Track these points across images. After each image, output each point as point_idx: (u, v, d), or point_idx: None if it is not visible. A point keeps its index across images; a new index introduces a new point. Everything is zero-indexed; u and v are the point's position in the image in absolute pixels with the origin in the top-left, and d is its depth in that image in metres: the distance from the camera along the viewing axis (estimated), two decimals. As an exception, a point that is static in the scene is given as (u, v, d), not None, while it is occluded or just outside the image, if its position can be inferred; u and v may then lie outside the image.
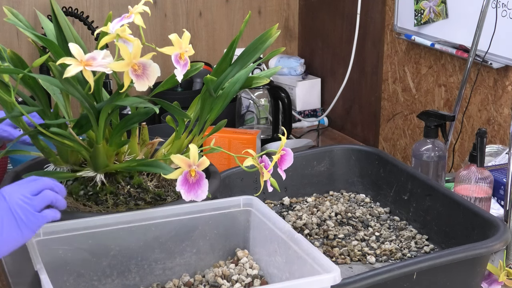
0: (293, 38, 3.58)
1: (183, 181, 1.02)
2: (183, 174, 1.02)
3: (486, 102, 2.52)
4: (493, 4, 2.33)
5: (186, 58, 1.04)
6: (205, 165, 1.03)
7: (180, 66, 1.03)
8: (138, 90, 1.02)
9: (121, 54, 1.01)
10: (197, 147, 1.03)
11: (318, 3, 3.41)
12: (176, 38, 1.03)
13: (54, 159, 1.20)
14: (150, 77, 1.02)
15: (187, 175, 1.02)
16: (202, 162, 1.03)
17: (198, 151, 1.04)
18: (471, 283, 1.23)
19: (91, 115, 1.10)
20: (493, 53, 2.38)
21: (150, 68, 1.02)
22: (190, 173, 1.02)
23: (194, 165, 1.03)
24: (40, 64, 1.07)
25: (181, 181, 1.02)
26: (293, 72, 3.42)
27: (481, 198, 1.53)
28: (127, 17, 1.07)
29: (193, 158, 1.02)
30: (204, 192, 1.03)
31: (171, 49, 1.03)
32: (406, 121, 2.98)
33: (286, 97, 3.12)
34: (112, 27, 1.06)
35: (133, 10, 1.08)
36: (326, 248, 1.38)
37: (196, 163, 1.03)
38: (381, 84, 3.10)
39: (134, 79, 1.01)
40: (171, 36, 1.03)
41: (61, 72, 1.02)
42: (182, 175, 1.02)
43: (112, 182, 1.18)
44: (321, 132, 3.37)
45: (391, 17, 2.93)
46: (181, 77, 1.04)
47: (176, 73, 1.04)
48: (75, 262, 1.10)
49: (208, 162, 1.04)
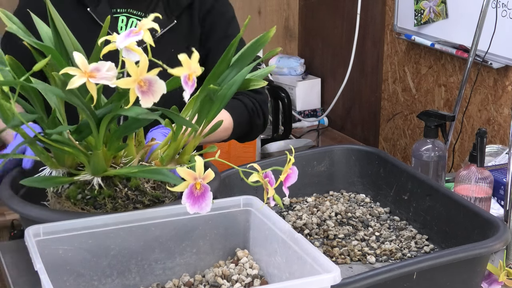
0: (293, 38, 3.58)
1: (189, 194, 1.02)
2: (189, 187, 1.02)
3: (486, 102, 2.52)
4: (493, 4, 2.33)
5: (194, 79, 1.03)
6: (211, 178, 1.03)
7: (188, 88, 1.02)
8: (143, 106, 1.01)
9: (128, 70, 1.00)
10: (202, 160, 1.03)
11: (318, 3, 3.41)
12: (185, 58, 1.02)
13: (51, 162, 1.20)
14: (155, 93, 1.01)
15: (192, 188, 1.02)
16: (208, 175, 1.03)
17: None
18: (471, 283, 1.23)
19: (92, 122, 1.10)
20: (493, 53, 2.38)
21: (156, 84, 1.01)
22: (196, 186, 1.02)
23: (199, 178, 1.02)
24: (39, 68, 1.07)
25: (187, 194, 1.02)
26: (293, 72, 3.42)
27: (481, 198, 1.53)
28: (134, 32, 1.05)
29: (199, 171, 1.02)
30: (208, 204, 1.03)
31: (180, 70, 1.02)
32: (406, 121, 2.98)
33: (286, 97, 3.12)
34: (120, 42, 1.04)
35: (141, 25, 1.06)
36: (326, 248, 1.38)
37: (201, 176, 1.02)
38: (381, 84, 3.10)
39: (140, 96, 1.00)
40: (180, 56, 1.01)
41: (63, 81, 1.01)
42: (188, 188, 1.02)
43: (110, 185, 1.18)
44: (321, 132, 3.37)
45: (391, 17, 2.93)
46: (188, 97, 1.03)
47: (185, 95, 1.02)
48: (75, 262, 1.10)
49: (213, 174, 1.03)
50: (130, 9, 1.74)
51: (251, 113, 1.78)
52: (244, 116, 1.77)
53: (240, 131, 1.78)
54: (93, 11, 1.69)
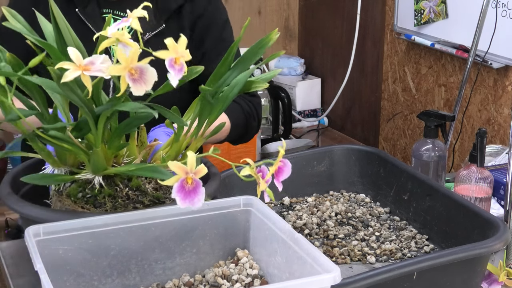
0: (293, 38, 3.59)
1: (179, 188, 1.02)
2: (179, 181, 1.01)
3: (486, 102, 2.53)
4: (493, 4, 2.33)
5: (182, 63, 1.03)
6: (203, 173, 1.02)
7: (174, 71, 1.02)
8: (135, 94, 1.01)
9: (118, 58, 1.00)
10: (194, 154, 1.02)
11: (318, 3, 3.42)
12: (171, 42, 1.02)
13: (52, 160, 1.20)
14: (147, 82, 1.01)
15: (183, 182, 1.02)
16: (200, 170, 1.02)
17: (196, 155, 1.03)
18: (471, 283, 1.23)
19: (90, 119, 1.10)
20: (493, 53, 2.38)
21: (148, 72, 1.01)
22: (187, 181, 1.02)
23: (191, 172, 1.02)
24: (36, 64, 1.07)
25: (177, 188, 1.02)
26: (293, 72, 3.42)
27: (481, 198, 1.53)
28: (125, 20, 1.07)
29: (190, 166, 1.02)
30: (200, 200, 1.02)
31: (165, 53, 1.02)
32: (406, 121, 2.98)
33: (286, 97, 3.13)
34: (110, 30, 1.05)
35: (131, 14, 1.08)
36: (326, 248, 1.38)
37: (193, 171, 1.02)
38: (381, 84, 3.10)
39: (130, 84, 1.00)
40: (166, 40, 1.01)
41: (60, 76, 1.01)
42: (178, 182, 1.01)
43: (110, 185, 1.18)
44: (321, 132, 3.37)
45: (391, 17, 2.93)
46: (175, 82, 1.03)
47: (170, 78, 1.02)
48: (75, 262, 1.10)
49: (206, 170, 1.03)
50: (118, 11, 1.74)
51: (247, 115, 1.79)
52: (240, 118, 1.78)
53: (235, 134, 1.79)
54: (82, 12, 1.69)
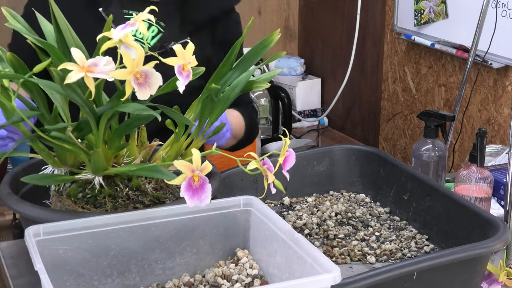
0: (293, 38, 3.59)
1: (187, 187, 1.02)
2: (187, 180, 1.02)
3: (486, 102, 2.53)
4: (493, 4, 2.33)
5: (189, 69, 1.04)
6: (208, 170, 1.03)
7: (182, 78, 1.04)
8: (140, 98, 1.02)
9: (123, 62, 1.01)
10: (199, 152, 1.03)
11: (318, 3, 3.42)
12: (179, 49, 1.03)
13: (53, 161, 1.20)
14: (152, 86, 1.02)
15: (190, 180, 1.02)
16: (205, 167, 1.03)
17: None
18: (471, 283, 1.23)
19: (92, 119, 1.10)
20: (493, 53, 2.38)
21: (153, 77, 1.02)
22: (194, 178, 1.02)
23: (197, 170, 1.02)
24: (42, 69, 1.07)
25: (185, 186, 1.02)
26: (293, 72, 3.42)
27: (481, 198, 1.53)
28: (130, 24, 1.06)
29: (196, 163, 1.02)
30: (208, 197, 1.03)
31: (174, 60, 1.03)
32: (406, 121, 2.98)
33: (286, 97, 3.13)
34: (116, 34, 1.05)
35: (137, 17, 1.07)
36: (326, 248, 1.38)
37: (199, 168, 1.02)
38: (381, 84, 3.10)
39: (136, 88, 1.01)
40: (175, 46, 1.03)
41: (62, 77, 1.01)
42: (186, 181, 1.02)
43: (111, 185, 1.18)
44: (321, 132, 3.37)
45: (391, 17, 2.93)
46: (183, 88, 1.04)
47: (179, 85, 1.04)
48: (75, 262, 1.10)
49: (211, 166, 1.03)
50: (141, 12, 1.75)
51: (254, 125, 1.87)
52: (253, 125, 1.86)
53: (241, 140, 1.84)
54: (105, 11, 1.69)
